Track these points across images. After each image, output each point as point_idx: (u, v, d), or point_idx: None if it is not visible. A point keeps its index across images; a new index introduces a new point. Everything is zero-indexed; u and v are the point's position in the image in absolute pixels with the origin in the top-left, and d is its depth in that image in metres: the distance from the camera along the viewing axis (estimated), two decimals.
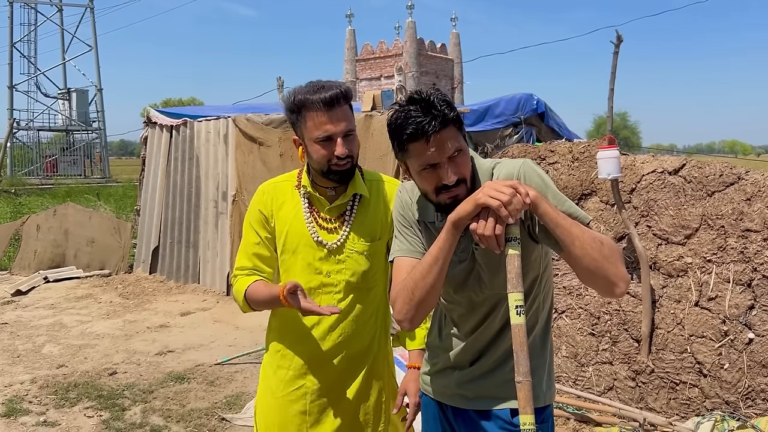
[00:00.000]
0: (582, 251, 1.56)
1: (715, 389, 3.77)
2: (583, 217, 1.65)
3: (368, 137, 6.15)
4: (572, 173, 4.52)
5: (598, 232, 1.63)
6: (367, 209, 2.05)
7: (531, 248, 1.72)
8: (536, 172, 1.71)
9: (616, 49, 4.47)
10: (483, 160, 1.80)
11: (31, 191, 22.47)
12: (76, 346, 5.89)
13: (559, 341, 4.39)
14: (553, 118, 6.89)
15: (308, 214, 2.02)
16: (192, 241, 8.22)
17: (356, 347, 2.05)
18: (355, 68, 38.37)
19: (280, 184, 2.11)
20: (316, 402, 2.05)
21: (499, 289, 1.66)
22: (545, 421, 1.81)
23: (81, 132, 36.95)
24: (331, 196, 2.03)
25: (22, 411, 4.35)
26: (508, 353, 1.72)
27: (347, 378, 2.06)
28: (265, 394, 2.13)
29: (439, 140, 1.60)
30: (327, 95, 1.88)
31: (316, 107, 1.89)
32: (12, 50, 35.61)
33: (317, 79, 1.97)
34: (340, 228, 2.02)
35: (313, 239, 2.00)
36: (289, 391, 2.06)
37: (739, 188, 3.80)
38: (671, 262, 3.98)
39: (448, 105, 1.63)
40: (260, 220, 2.07)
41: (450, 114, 1.63)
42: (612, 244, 1.60)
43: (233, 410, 4.32)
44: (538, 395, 1.73)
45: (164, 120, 8.74)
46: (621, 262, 1.60)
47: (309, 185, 2.03)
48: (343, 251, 2.01)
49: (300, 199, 2.05)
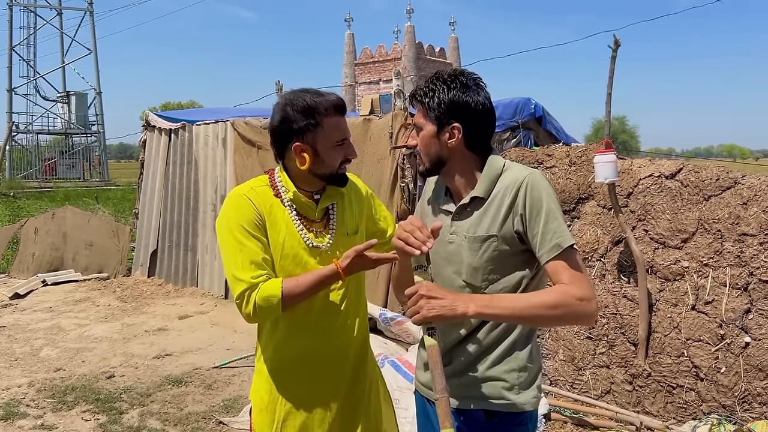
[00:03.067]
0: (541, 323, 1.77)
1: (712, 393, 3.77)
2: (562, 241, 1.72)
3: (366, 141, 6.15)
4: (569, 177, 4.53)
5: (553, 293, 1.69)
6: (344, 205, 2.11)
7: (516, 248, 1.80)
8: (538, 187, 1.77)
9: (613, 54, 4.48)
10: (498, 161, 1.86)
11: (30, 194, 22.47)
12: (73, 349, 5.88)
13: (557, 345, 4.40)
14: (551, 122, 6.89)
15: (298, 221, 2.02)
16: (190, 245, 8.23)
17: (344, 340, 2.08)
18: (354, 72, 38.42)
19: (260, 190, 2.03)
20: (307, 399, 2.05)
21: (451, 284, 1.85)
22: (524, 423, 1.83)
23: (80, 135, 37.01)
24: (316, 198, 2.06)
25: (20, 414, 4.34)
26: (479, 352, 1.82)
27: (337, 371, 2.07)
28: (257, 393, 2.14)
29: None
30: (338, 100, 1.97)
31: (332, 112, 1.95)
32: (11, 53, 35.69)
33: (305, 87, 2.02)
34: (326, 229, 2.06)
35: (308, 245, 2.00)
36: (281, 389, 2.07)
37: (735, 192, 3.82)
38: (668, 266, 3.99)
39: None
40: (256, 226, 1.97)
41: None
42: (566, 300, 1.67)
43: (231, 413, 4.32)
44: (513, 399, 1.80)
45: (163, 123, 8.75)
46: (581, 308, 1.68)
47: (292, 192, 2.02)
48: (334, 251, 2.04)
49: (284, 207, 2.02)
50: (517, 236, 1.77)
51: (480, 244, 1.80)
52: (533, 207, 1.74)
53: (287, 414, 2.03)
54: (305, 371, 2.03)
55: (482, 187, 1.82)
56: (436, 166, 1.88)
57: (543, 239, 1.72)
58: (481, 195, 1.81)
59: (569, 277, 1.69)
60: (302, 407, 2.03)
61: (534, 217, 1.74)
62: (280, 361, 2.05)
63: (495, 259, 1.79)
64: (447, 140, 1.83)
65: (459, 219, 1.86)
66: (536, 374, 1.85)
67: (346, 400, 2.07)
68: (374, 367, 2.24)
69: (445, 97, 1.82)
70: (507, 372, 1.80)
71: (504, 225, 1.77)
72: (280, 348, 2.04)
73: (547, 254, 1.72)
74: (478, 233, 1.80)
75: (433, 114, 1.84)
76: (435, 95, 1.83)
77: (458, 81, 1.83)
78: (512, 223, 1.77)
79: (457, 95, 1.81)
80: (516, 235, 1.77)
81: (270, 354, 2.06)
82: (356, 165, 6.00)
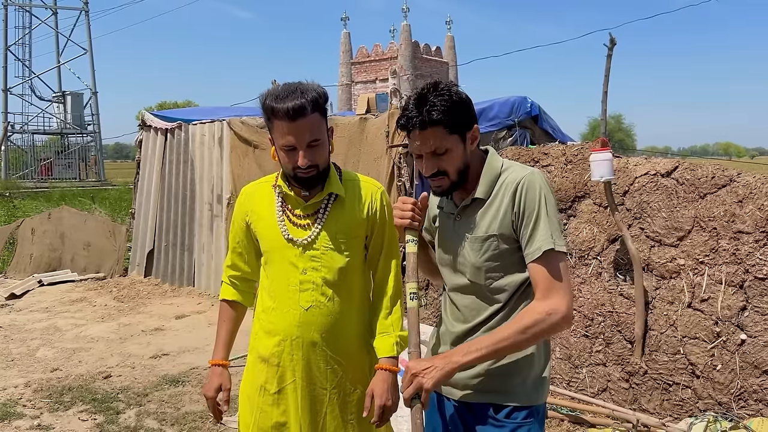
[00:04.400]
0: (520, 348, 1.77)
1: (708, 390, 3.78)
2: (544, 244, 1.74)
3: (363, 140, 6.15)
4: (565, 176, 4.54)
5: (522, 318, 1.74)
6: (343, 207, 2.08)
7: (516, 246, 1.82)
8: (537, 186, 1.79)
9: (609, 52, 4.48)
10: (497, 161, 1.88)
11: (26, 194, 22.42)
12: (70, 349, 5.87)
13: (553, 343, 4.41)
14: (547, 121, 6.90)
15: (281, 212, 2.07)
16: (187, 244, 8.22)
17: (339, 346, 2.06)
18: (350, 71, 38.38)
19: (261, 185, 2.18)
20: (295, 398, 2.06)
21: (458, 283, 1.92)
22: (531, 417, 1.84)
23: (76, 135, 36.91)
24: (305, 195, 2.06)
25: (16, 415, 4.34)
26: None
27: (329, 377, 2.06)
28: (243, 381, 2.19)
29: (424, 135, 1.80)
30: (290, 106, 1.87)
31: (281, 116, 1.89)
32: (6, 53, 35.57)
33: (298, 81, 1.97)
34: (312, 225, 2.05)
35: (284, 236, 2.04)
36: (266, 388, 2.09)
37: (731, 190, 3.83)
38: (664, 264, 4.01)
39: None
40: (238, 221, 2.19)
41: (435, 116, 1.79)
42: (534, 320, 1.71)
43: (227, 413, 4.30)
44: (520, 393, 1.83)
45: (159, 123, 8.74)
46: (548, 322, 1.72)
47: (284, 185, 2.07)
48: (316, 248, 2.04)
49: (275, 198, 2.10)
50: (514, 234, 1.81)
51: (481, 244, 1.83)
52: (526, 208, 1.77)
53: (265, 404, 2.10)
54: (273, 364, 2.09)
55: (482, 188, 1.85)
56: (462, 177, 1.86)
57: (529, 241, 1.77)
58: (482, 196, 1.85)
59: (543, 286, 1.73)
60: (274, 402, 2.09)
61: (526, 217, 1.77)
62: (254, 354, 2.17)
63: (496, 258, 1.83)
64: (471, 146, 1.85)
65: (461, 220, 1.89)
66: (544, 368, 1.88)
67: (315, 394, 2.07)
68: (360, 363, 2.16)
69: (457, 105, 1.79)
70: (515, 366, 1.83)
71: (503, 224, 1.81)
72: (255, 342, 2.18)
73: (530, 256, 1.76)
74: (479, 233, 1.84)
75: (457, 127, 1.80)
76: (449, 109, 1.78)
77: (447, 87, 1.81)
78: (510, 222, 1.80)
79: (460, 99, 1.81)
80: (514, 233, 1.81)
81: (250, 346, 2.20)
82: (353, 164, 6.01)
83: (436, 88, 1.80)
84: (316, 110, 1.92)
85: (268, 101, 1.92)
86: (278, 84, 2.08)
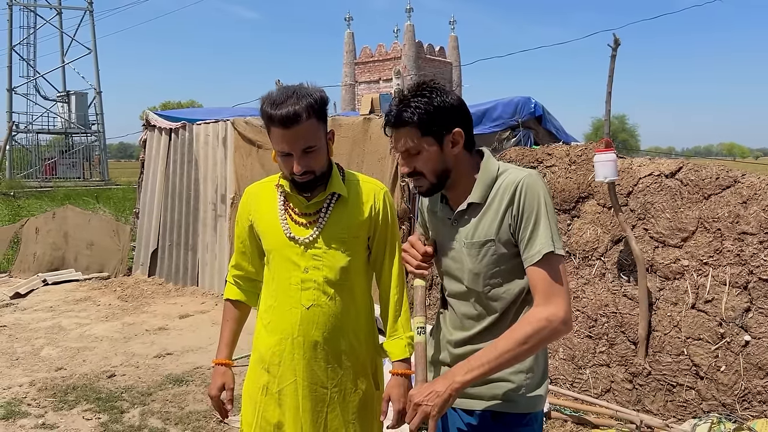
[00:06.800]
0: (522, 358, 1.73)
1: (712, 391, 3.78)
2: (543, 248, 1.71)
3: (366, 140, 6.16)
4: (569, 176, 4.54)
5: (521, 328, 1.71)
6: (345, 207, 2.08)
7: (514, 250, 1.79)
8: (536, 188, 1.76)
9: (613, 53, 4.48)
10: (493, 164, 1.85)
11: (30, 194, 22.45)
12: (74, 348, 5.89)
13: (557, 344, 4.40)
14: (551, 122, 6.89)
15: (282, 211, 2.08)
16: (191, 244, 8.23)
17: (340, 345, 2.06)
18: (354, 71, 38.38)
19: (264, 185, 2.19)
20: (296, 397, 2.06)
21: (457, 290, 1.90)
22: (530, 424, 1.84)
23: (80, 135, 36.98)
24: (307, 195, 2.06)
25: (21, 413, 4.35)
26: None
27: (330, 376, 2.07)
28: (246, 380, 2.21)
29: (397, 135, 1.82)
30: (284, 113, 1.86)
31: (276, 123, 1.89)
32: (11, 53, 35.65)
33: (298, 84, 1.96)
34: (314, 224, 2.06)
35: (286, 235, 2.05)
36: (268, 387, 2.10)
37: (735, 191, 3.82)
38: (668, 265, 4.00)
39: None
40: (242, 221, 2.21)
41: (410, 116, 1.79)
42: (534, 328, 1.68)
43: (231, 413, 4.32)
44: (520, 400, 1.81)
45: (163, 123, 8.75)
46: (548, 329, 1.69)
47: (287, 185, 2.07)
48: (318, 247, 2.04)
49: (277, 197, 2.11)
50: (513, 238, 1.78)
51: (478, 249, 1.80)
52: (525, 211, 1.74)
53: (266, 404, 2.12)
54: (275, 364, 2.10)
55: (478, 193, 1.81)
56: (442, 179, 1.84)
57: (529, 243, 1.74)
58: (478, 201, 1.81)
59: (543, 290, 1.71)
60: (275, 401, 2.10)
61: (525, 219, 1.74)
62: (256, 353, 2.18)
63: (495, 263, 1.79)
64: (451, 149, 1.81)
65: (458, 225, 1.86)
66: (542, 375, 1.86)
67: (315, 394, 2.07)
68: (375, 379, 2.19)
69: (435, 107, 1.77)
70: (513, 373, 1.81)
71: (501, 228, 1.77)
72: (257, 341, 2.19)
73: (530, 259, 1.73)
74: (476, 239, 1.80)
75: (431, 129, 1.78)
76: (424, 111, 1.76)
77: (430, 89, 1.79)
78: (508, 226, 1.77)
79: (443, 101, 1.78)
80: (512, 236, 1.77)
81: (253, 345, 2.20)
82: (357, 164, 6.01)
83: (419, 88, 1.79)
84: (311, 116, 1.90)
85: (265, 106, 1.92)
86: (281, 84, 2.07)
